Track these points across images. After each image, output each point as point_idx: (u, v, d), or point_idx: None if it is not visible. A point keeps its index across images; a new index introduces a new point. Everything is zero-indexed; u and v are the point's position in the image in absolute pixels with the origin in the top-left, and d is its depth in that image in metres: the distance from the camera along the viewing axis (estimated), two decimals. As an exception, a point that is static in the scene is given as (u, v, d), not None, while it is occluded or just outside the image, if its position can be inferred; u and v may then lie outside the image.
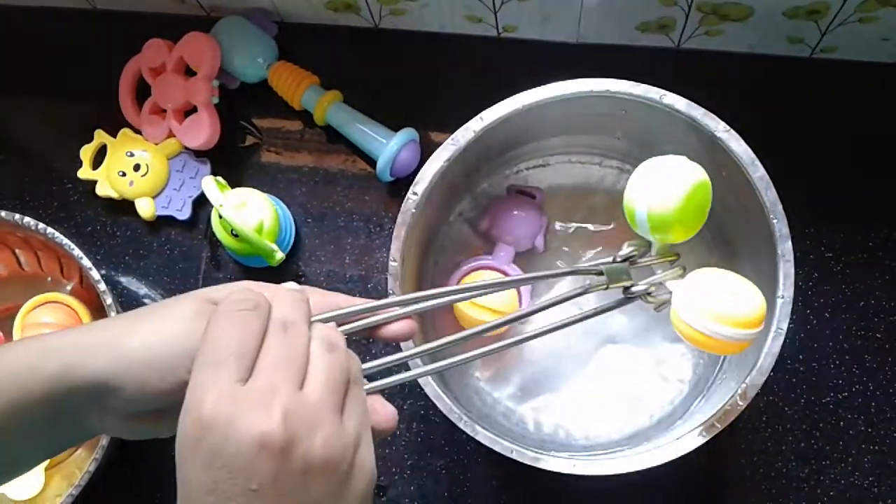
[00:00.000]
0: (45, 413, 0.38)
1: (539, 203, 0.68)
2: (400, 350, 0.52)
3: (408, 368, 0.47)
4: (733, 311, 0.46)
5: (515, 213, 0.67)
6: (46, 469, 0.69)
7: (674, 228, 0.49)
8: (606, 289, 0.48)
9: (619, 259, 0.49)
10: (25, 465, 0.42)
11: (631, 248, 0.49)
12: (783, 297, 0.54)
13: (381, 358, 0.43)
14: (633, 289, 0.48)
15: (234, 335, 0.35)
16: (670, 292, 0.48)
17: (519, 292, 0.66)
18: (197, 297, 0.40)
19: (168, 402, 0.38)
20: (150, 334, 0.38)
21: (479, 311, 0.63)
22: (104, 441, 0.62)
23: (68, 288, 0.73)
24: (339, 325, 0.42)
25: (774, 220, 0.54)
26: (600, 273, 0.48)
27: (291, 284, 0.42)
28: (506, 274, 0.66)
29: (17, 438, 0.38)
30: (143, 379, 0.38)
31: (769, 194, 0.55)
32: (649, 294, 0.48)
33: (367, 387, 0.42)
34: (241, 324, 0.36)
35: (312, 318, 0.40)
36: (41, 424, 0.38)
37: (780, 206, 0.55)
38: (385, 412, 0.42)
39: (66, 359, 0.38)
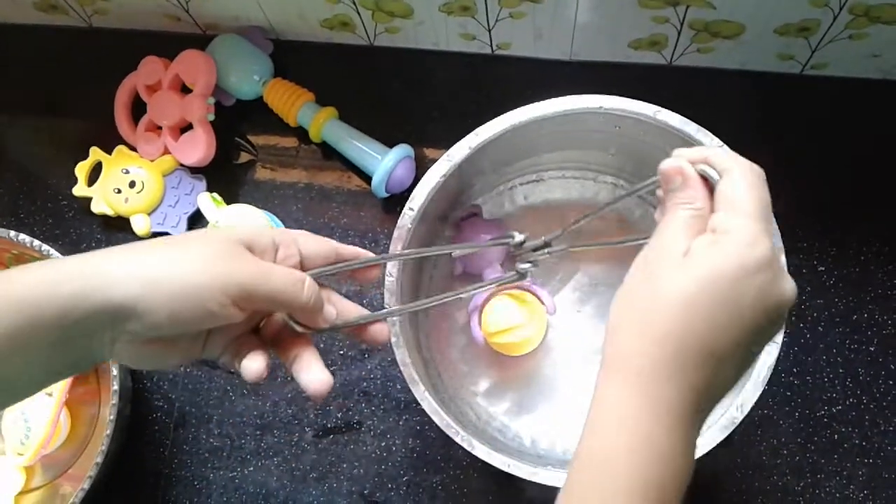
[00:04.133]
0: (54, 337, 0.38)
1: (481, 212, 0.69)
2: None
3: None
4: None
5: (482, 237, 0.67)
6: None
7: None
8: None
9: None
10: (22, 391, 0.41)
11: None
12: (777, 311, 0.54)
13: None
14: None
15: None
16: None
17: (538, 295, 0.66)
18: (228, 238, 0.42)
19: (188, 329, 0.41)
20: (184, 265, 0.40)
21: (508, 335, 0.64)
22: (98, 459, 0.62)
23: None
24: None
25: (768, 235, 0.55)
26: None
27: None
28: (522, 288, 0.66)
29: (19, 361, 0.38)
30: (173, 307, 0.39)
31: (762, 209, 0.55)
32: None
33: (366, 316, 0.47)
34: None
35: (314, 272, 0.45)
36: (47, 348, 0.39)
37: (773, 222, 0.55)
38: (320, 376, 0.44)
39: (87, 281, 0.38)
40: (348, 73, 0.77)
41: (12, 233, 0.66)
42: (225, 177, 0.76)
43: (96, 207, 0.75)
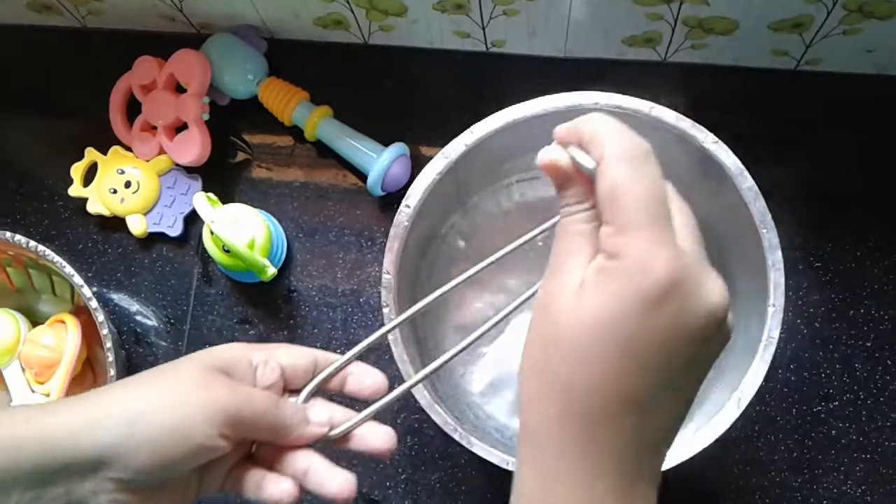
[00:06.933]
0: (30, 484, 0.36)
1: None
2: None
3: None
4: None
5: None
6: None
7: None
8: None
9: None
10: None
11: None
12: (774, 307, 0.54)
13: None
14: None
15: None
16: None
17: None
18: (204, 365, 0.40)
19: (177, 469, 0.38)
20: (163, 400, 0.38)
21: None
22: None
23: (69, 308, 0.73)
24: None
25: (764, 231, 0.55)
26: None
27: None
28: None
29: None
30: (159, 446, 0.37)
31: (758, 205, 0.55)
32: None
33: (362, 414, 0.44)
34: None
35: (308, 388, 0.44)
36: (20, 494, 0.37)
37: (769, 217, 0.55)
38: (382, 433, 0.43)
39: (65, 426, 0.37)
40: (343, 72, 0.77)
41: (8, 234, 0.66)
42: (220, 176, 0.76)
43: (92, 208, 0.74)
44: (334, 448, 0.44)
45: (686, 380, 0.32)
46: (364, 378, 0.45)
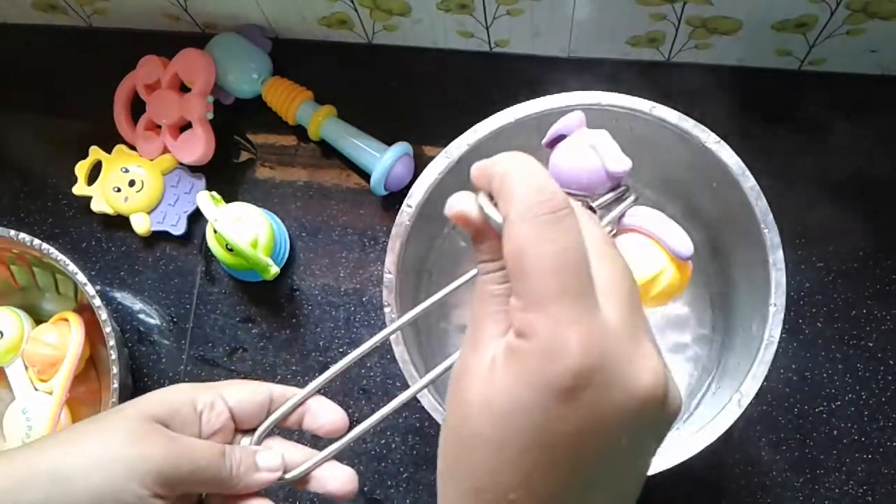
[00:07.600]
0: None
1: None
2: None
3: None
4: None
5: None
6: None
7: None
8: None
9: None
10: None
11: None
12: (775, 306, 0.54)
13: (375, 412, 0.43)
14: None
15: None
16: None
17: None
18: (140, 415, 0.38)
19: None
20: (91, 458, 0.36)
21: (660, 281, 0.49)
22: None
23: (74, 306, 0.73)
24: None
25: (766, 230, 0.55)
26: None
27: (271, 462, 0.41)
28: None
29: None
30: None
31: (760, 204, 0.55)
32: None
33: (320, 455, 0.42)
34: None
35: (259, 431, 0.41)
36: None
37: (770, 216, 0.55)
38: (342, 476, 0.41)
39: None
40: (347, 72, 0.77)
41: (12, 232, 0.66)
42: (224, 175, 0.76)
43: (96, 206, 0.75)
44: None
45: (619, 473, 0.29)
46: (320, 416, 0.42)
